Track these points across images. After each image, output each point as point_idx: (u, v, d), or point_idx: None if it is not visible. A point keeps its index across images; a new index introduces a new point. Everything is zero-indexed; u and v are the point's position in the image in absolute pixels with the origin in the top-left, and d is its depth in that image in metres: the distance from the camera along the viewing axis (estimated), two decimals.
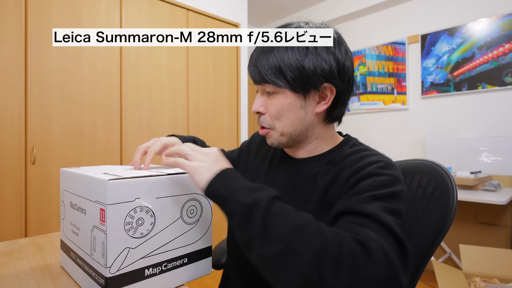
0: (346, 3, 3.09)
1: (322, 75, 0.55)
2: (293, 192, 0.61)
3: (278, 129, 0.60)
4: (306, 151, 0.64)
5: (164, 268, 0.55)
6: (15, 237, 1.53)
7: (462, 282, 1.53)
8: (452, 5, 2.53)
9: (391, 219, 0.45)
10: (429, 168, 0.62)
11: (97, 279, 0.49)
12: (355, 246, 0.39)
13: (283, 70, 0.54)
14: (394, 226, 0.44)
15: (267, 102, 0.60)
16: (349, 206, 0.48)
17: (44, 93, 1.63)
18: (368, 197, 0.48)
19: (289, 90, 0.56)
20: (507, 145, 2.21)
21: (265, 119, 0.61)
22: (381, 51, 2.96)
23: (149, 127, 2.05)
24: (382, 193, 0.48)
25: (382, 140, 2.98)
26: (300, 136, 0.61)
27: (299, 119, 0.58)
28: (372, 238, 0.40)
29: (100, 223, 0.49)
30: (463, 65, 2.45)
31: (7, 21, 1.53)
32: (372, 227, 0.43)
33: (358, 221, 0.45)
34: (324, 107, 0.58)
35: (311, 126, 0.60)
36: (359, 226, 0.43)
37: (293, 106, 0.57)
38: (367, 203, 0.47)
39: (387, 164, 0.53)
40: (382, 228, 0.43)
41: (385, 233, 0.43)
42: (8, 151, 1.52)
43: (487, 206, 2.05)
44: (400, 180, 0.51)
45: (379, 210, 0.45)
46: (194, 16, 2.31)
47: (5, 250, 0.74)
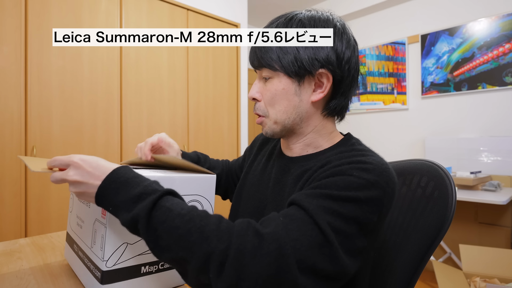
0: (346, 3, 3.09)
1: (317, 60, 0.53)
2: (281, 192, 0.59)
3: (272, 117, 0.58)
4: (300, 146, 0.60)
5: (161, 267, 0.55)
6: (15, 237, 1.54)
7: (462, 282, 1.53)
8: (452, 5, 2.53)
9: (329, 220, 0.41)
10: (429, 168, 0.62)
11: (94, 272, 0.50)
12: (247, 245, 0.39)
13: (279, 54, 0.54)
14: (325, 225, 0.41)
15: (263, 89, 0.59)
16: (295, 198, 0.45)
17: (44, 93, 1.63)
18: (320, 194, 0.44)
19: (284, 74, 0.55)
20: (507, 145, 2.21)
21: (260, 106, 0.60)
22: (381, 51, 2.97)
23: (149, 127, 2.05)
24: (340, 195, 0.43)
25: (382, 140, 2.98)
26: (295, 126, 0.58)
27: (292, 106, 0.56)
28: (275, 231, 0.40)
29: (101, 216, 0.49)
30: (463, 65, 2.45)
31: (7, 21, 1.53)
32: (296, 219, 0.42)
33: (289, 212, 0.43)
34: (321, 96, 0.55)
35: (306, 116, 0.57)
36: (282, 218, 0.42)
37: (287, 91, 0.56)
38: (314, 198, 0.44)
39: (372, 168, 0.47)
40: (316, 229, 0.41)
41: (312, 236, 0.40)
42: (8, 151, 1.52)
43: (487, 206, 2.05)
44: (376, 187, 0.45)
45: (319, 209, 0.42)
46: (194, 16, 2.31)
47: (5, 250, 0.74)
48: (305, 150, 0.60)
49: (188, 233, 0.39)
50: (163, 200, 0.42)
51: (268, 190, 0.62)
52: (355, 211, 0.43)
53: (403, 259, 0.59)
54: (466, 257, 1.64)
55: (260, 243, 0.39)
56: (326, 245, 0.41)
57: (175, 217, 0.40)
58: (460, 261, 1.98)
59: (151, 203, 0.41)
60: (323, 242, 0.41)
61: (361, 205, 0.43)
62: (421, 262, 0.57)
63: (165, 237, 0.40)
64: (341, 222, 0.42)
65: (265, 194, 0.63)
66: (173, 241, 0.39)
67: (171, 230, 0.40)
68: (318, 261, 0.40)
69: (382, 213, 0.46)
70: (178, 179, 0.55)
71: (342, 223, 0.42)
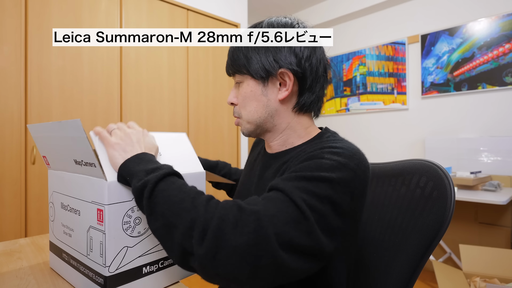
0: (346, 3, 3.09)
1: (276, 61, 0.58)
2: (264, 186, 0.60)
3: (245, 117, 0.63)
4: (278, 143, 0.65)
5: (161, 265, 0.56)
6: (15, 237, 1.54)
7: (462, 282, 1.53)
8: (452, 5, 2.53)
9: (305, 198, 0.44)
10: (428, 168, 0.62)
11: (95, 278, 0.50)
12: (229, 215, 0.41)
13: (244, 60, 0.60)
14: (300, 202, 0.43)
15: (238, 93, 0.64)
16: (272, 183, 0.48)
17: (44, 93, 1.63)
18: (295, 176, 0.47)
19: (251, 77, 0.60)
20: (507, 145, 2.21)
21: (236, 109, 0.65)
22: (381, 51, 2.96)
23: (149, 127, 2.05)
24: (312, 175, 0.46)
25: (382, 140, 2.98)
26: (267, 124, 0.63)
27: (262, 106, 0.61)
28: (255, 208, 0.42)
29: (97, 223, 0.49)
30: (463, 65, 2.45)
31: (7, 21, 1.53)
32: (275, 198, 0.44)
33: (267, 195, 0.46)
34: (286, 94, 0.60)
35: (277, 113, 0.62)
36: (261, 199, 0.45)
37: (254, 93, 0.61)
38: (289, 181, 0.46)
39: (342, 152, 0.50)
40: (286, 199, 0.44)
41: (286, 205, 0.43)
42: (8, 151, 1.52)
43: (487, 206, 2.05)
44: (347, 168, 0.47)
45: (294, 189, 0.44)
46: (194, 16, 2.31)
47: (5, 250, 0.74)
48: (283, 146, 0.65)
49: (181, 201, 0.44)
50: (172, 177, 0.48)
51: (253, 187, 0.68)
52: (328, 190, 0.45)
53: (402, 259, 0.59)
54: (466, 257, 1.65)
55: (241, 215, 0.41)
56: (302, 221, 0.43)
57: (175, 188, 0.46)
58: (460, 261, 1.98)
59: (161, 175, 0.46)
60: (299, 218, 0.43)
61: (334, 185, 0.46)
62: (420, 262, 0.57)
63: (161, 203, 0.44)
64: (316, 201, 0.44)
65: (250, 190, 0.68)
66: (167, 207, 0.44)
67: (168, 197, 0.44)
68: (295, 236, 0.42)
69: (355, 195, 0.48)
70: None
71: (317, 202, 0.44)
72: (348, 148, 0.52)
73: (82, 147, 0.50)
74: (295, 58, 0.58)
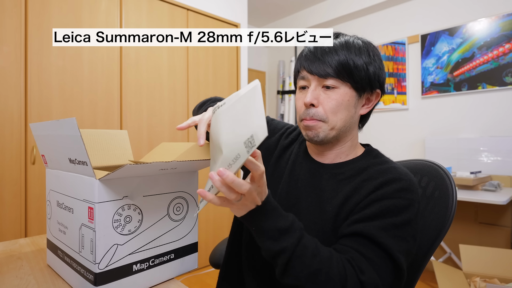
0: (346, 3, 3.09)
1: (379, 82, 0.62)
2: (313, 194, 0.63)
3: (331, 123, 0.61)
4: (335, 153, 0.65)
5: (152, 263, 0.56)
6: (15, 237, 1.54)
7: (462, 282, 1.53)
8: (452, 5, 2.53)
9: (402, 251, 0.52)
10: (429, 168, 0.62)
11: (86, 275, 0.51)
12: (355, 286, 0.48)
13: (352, 68, 0.58)
14: (403, 263, 0.51)
15: (322, 96, 0.61)
16: (369, 231, 0.52)
17: (44, 93, 1.63)
18: (385, 226, 0.52)
19: (351, 87, 0.60)
20: (507, 145, 2.21)
21: (317, 112, 0.61)
22: (381, 51, 2.96)
23: (149, 127, 2.05)
24: (398, 221, 0.53)
25: (382, 140, 2.98)
26: (342, 135, 0.63)
27: (349, 117, 0.62)
28: (373, 279, 0.49)
29: (88, 221, 0.50)
30: (463, 65, 2.45)
31: (7, 21, 1.53)
32: (379, 263, 0.51)
33: (370, 251, 0.51)
34: (366, 111, 0.64)
35: (353, 127, 0.64)
36: (368, 260, 0.51)
37: (350, 103, 0.61)
38: (385, 231, 0.52)
39: (406, 184, 0.56)
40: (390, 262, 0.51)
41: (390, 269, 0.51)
42: (8, 151, 1.52)
43: (487, 206, 2.05)
44: (415, 201, 0.55)
45: (393, 242, 0.51)
46: (194, 16, 2.31)
47: (5, 250, 0.74)
48: (337, 157, 0.66)
49: (319, 272, 0.48)
50: (304, 238, 0.50)
51: (298, 190, 0.67)
52: (411, 230, 0.54)
53: None
54: (466, 257, 1.64)
55: None
56: (399, 270, 0.52)
57: (310, 255, 0.49)
58: (460, 261, 1.98)
59: (296, 240, 0.49)
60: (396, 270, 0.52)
61: (413, 223, 0.54)
62: (422, 262, 0.57)
63: (297, 269, 0.48)
64: (406, 245, 0.53)
65: (292, 192, 0.68)
66: (303, 275, 0.48)
67: (304, 266, 0.48)
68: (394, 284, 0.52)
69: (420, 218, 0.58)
70: (162, 178, 0.57)
71: (407, 245, 0.53)
72: (404, 176, 0.57)
73: (76, 146, 0.50)
74: (383, 80, 0.63)
